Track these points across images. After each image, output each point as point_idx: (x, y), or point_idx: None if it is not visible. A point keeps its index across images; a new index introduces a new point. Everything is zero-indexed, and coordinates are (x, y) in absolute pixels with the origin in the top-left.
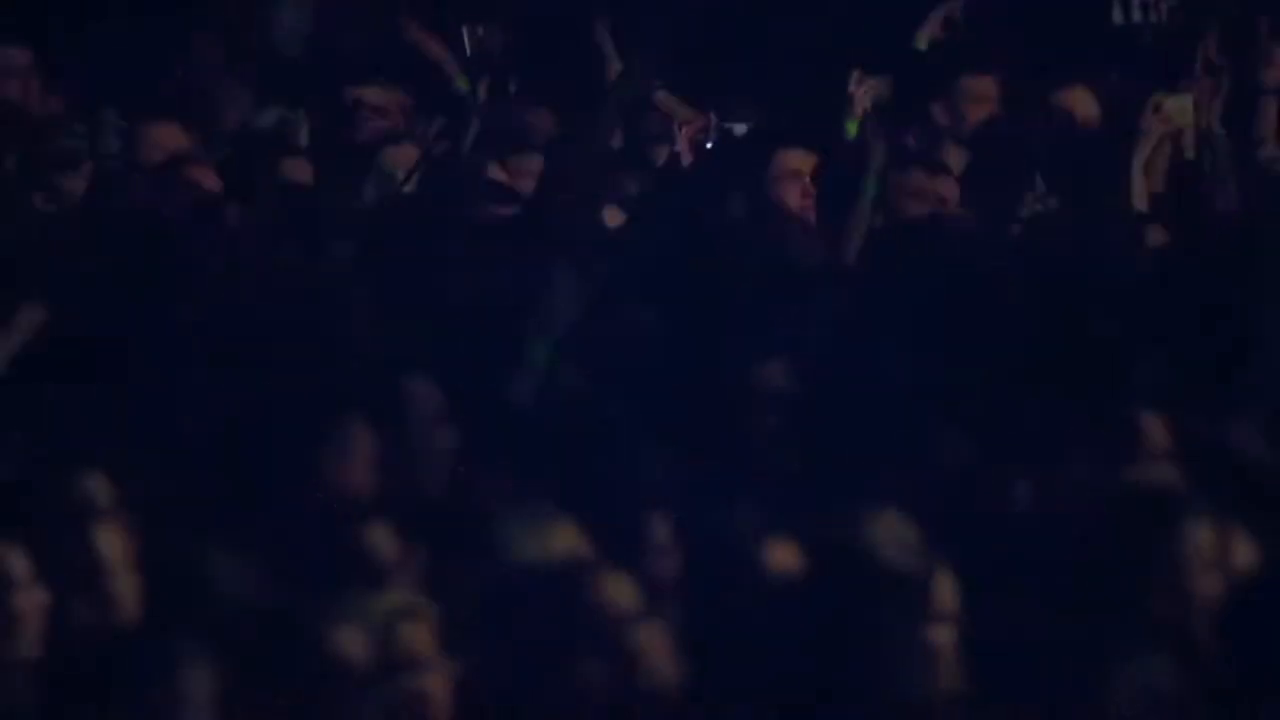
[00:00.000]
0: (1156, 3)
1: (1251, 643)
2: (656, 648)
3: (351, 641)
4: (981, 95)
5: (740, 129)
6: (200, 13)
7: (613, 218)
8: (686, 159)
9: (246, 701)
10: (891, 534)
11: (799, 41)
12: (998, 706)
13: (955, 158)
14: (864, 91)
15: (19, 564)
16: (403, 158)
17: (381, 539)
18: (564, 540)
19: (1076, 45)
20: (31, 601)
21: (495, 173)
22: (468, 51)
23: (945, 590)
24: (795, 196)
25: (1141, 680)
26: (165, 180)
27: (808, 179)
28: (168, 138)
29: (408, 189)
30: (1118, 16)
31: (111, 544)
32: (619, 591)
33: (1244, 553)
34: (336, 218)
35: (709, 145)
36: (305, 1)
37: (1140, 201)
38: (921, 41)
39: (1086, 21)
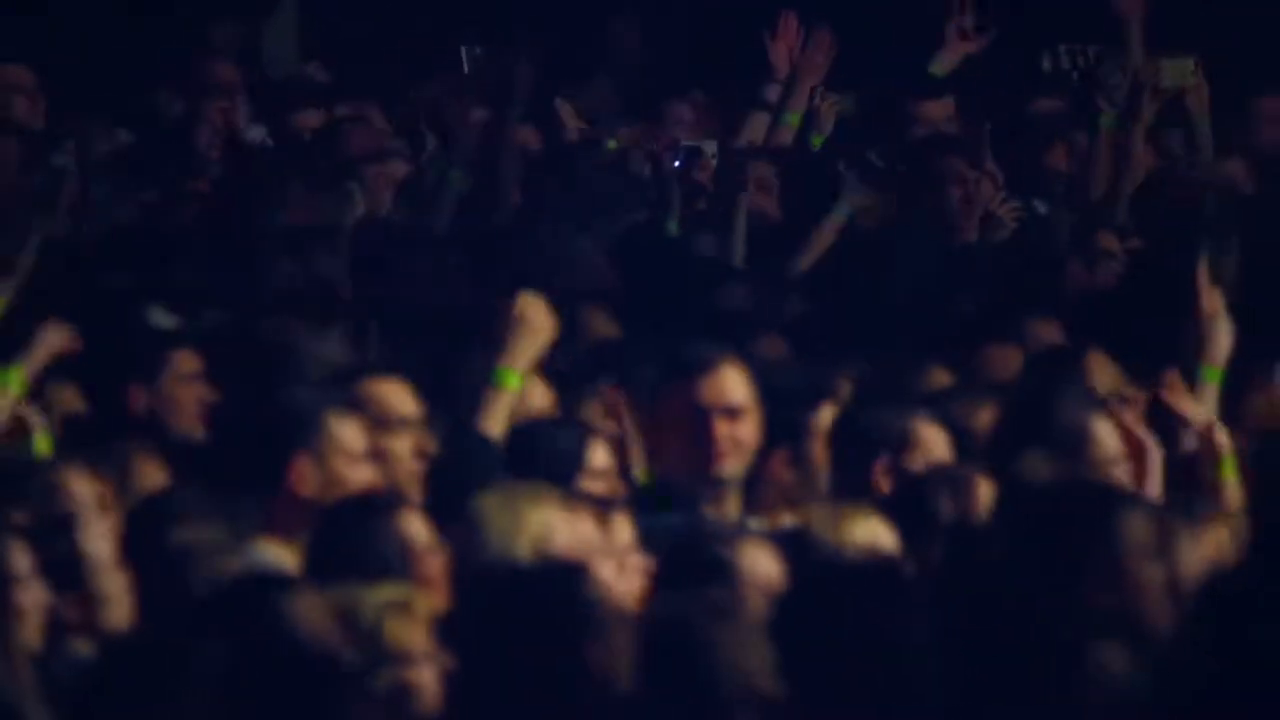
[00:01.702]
0: (1084, 49)
1: (1207, 635)
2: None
3: (338, 634)
4: (939, 118)
5: (710, 146)
6: (193, 34)
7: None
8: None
9: (242, 692)
10: (861, 533)
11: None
12: (958, 698)
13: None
14: (828, 107)
15: (21, 560)
16: (384, 176)
17: (415, 526)
18: (543, 525)
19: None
20: (33, 597)
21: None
22: (466, 71)
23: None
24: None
25: (1097, 673)
26: (167, 189)
27: (768, 181)
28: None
29: (388, 206)
30: (1046, 64)
31: (101, 543)
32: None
33: (1188, 548)
34: (325, 231)
35: (676, 163)
36: (290, 22)
37: (1139, 166)
38: (939, 68)
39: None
